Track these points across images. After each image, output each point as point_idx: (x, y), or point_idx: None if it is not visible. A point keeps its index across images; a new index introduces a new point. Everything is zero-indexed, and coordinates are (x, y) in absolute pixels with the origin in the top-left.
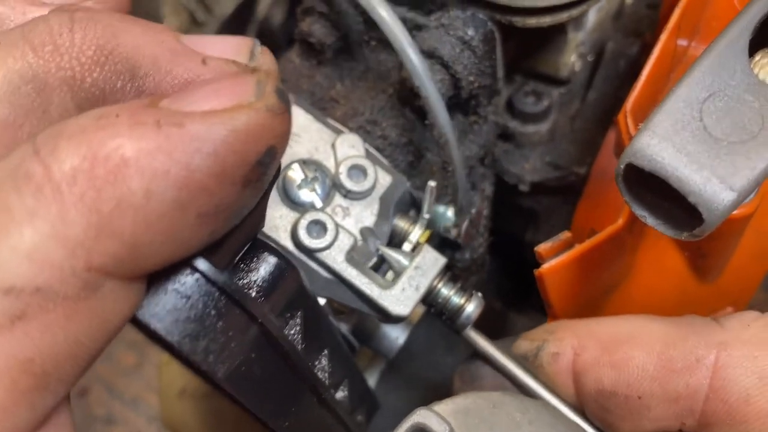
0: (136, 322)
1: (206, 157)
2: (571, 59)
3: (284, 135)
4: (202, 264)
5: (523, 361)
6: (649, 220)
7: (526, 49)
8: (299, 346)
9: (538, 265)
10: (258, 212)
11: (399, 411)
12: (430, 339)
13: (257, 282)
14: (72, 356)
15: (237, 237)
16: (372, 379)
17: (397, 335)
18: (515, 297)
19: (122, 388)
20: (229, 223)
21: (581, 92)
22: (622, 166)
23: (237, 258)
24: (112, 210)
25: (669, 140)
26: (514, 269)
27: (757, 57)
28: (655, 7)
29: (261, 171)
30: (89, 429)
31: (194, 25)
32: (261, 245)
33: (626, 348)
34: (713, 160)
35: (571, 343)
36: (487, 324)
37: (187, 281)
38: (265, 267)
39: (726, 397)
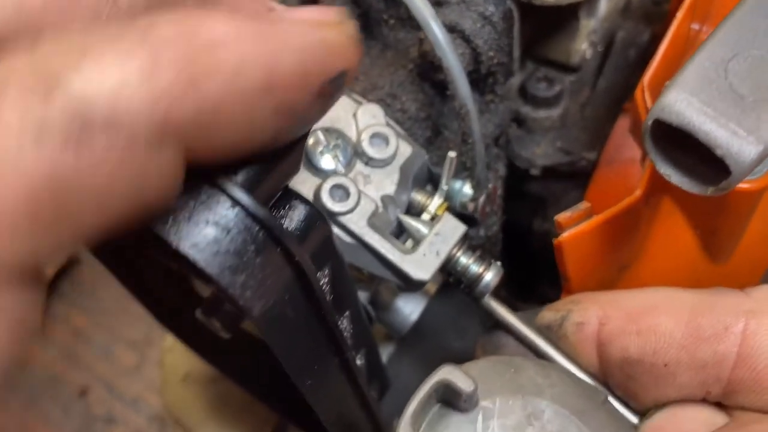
0: (176, 254)
1: (294, 54)
2: (583, 46)
3: (355, 65)
4: (243, 197)
5: (546, 332)
6: (674, 178)
7: (540, 33)
8: (328, 297)
9: (545, 254)
10: (294, 156)
11: (409, 391)
12: (442, 322)
13: (290, 228)
14: (97, 207)
15: (274, 176)
16: (383, 358)
17: (411, 311)
18: (520, 288)
19: (122, 388)
20: (294, 130)
21: (592, 80)
22: (649, 123)
23: (271, 203)
24: (202, 74)
25: (696, 96)
26: (520, 259)
27: None
28: (660, 4)
29: (332, 89)
30: (89, 429)
31: None
32: (293, 194)
33: (653, 316)
34: (739, 115)
35: (596, 312)
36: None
37: (227, 214)
38: (297, 214)
39: (754, 364)
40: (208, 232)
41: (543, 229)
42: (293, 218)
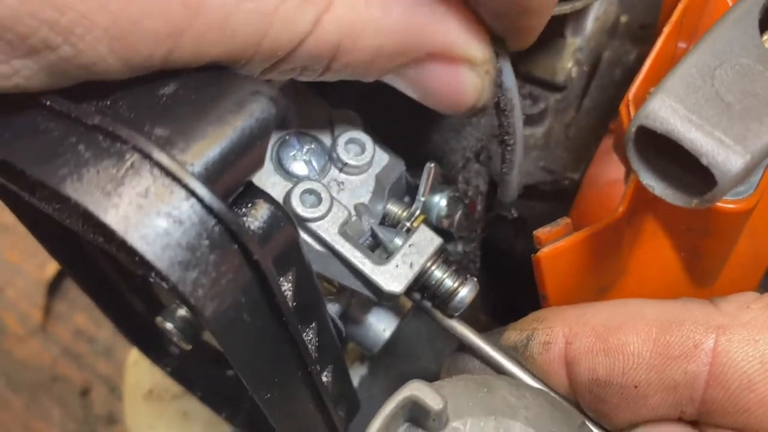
0: (123, 246)
1: None
2: (568, 65)
3: None
4: (199, 188)
5: (512, 353)
6: (657, 190)
7: (524, 51)
8: (291, 304)
9: (526, 276)
10: (258, 149)
11: None
12: (418, 342)
13: (252, 227)
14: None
15: (236, 169)
16: (354, 381)
17: (384, 327)
18: (502, 310)
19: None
20: None
21: (577, 100)
22: (633, 129)
23: (232, 199)
24: None
25: (681, 103)
26: (500, 282)
27: (765, 36)
28: (647, 28)
29: None
30: (91, 428)
31: None
32: (257, 191)
33: (620, 334)
34: (726, 123)
35: (562, 330)
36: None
37: (182, 205)
38: (261, 213)
39: (727, 384)
40: (159, 224)
41: (525, 250)
42: (256, 217)
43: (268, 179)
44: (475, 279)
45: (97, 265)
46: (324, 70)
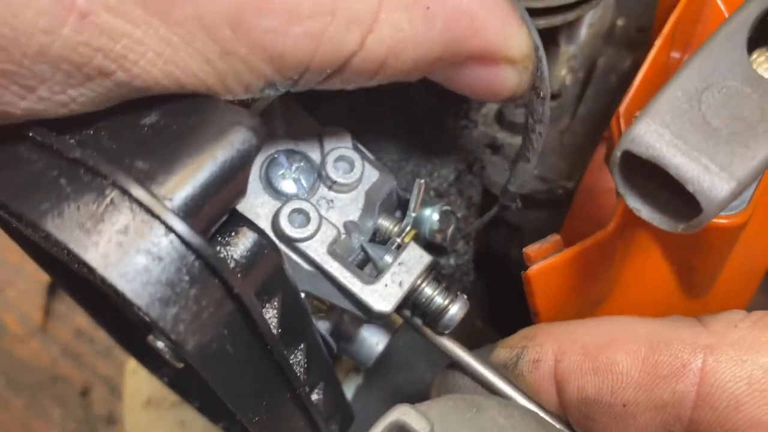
0: (104, 282)
1: None
2: (563, 72)
3: None
4: (177, 224)
5: (502, 370)
6: (644, 213)
7: None
8: (275, 331)
9: (522, 282)
10: (239, 179)
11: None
12: (412, 352)
13: (235, 256)
14: None
15: (217, 200)
16: (349, 392)
17: (377, 341)
18: (497, 316)
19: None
20: None
21: (572, 107)
22: (618, 154)
23: (215, 228)
24: None
25: (667, 127)
26: (496, 288)
27: (755, 55)
28: (644, 31)
29: None
30: (91, 428)
31: None
32: (241, 219)
33: (609, 353)
34: (712, 149)
35: (551, 348)
36: (468, 343)
37: (161, 242)
38: (244, 242)
39: (714, 404)
40: (138, 261)
41: (520, 256)
42: (239, 245)
43: (256, 199)
44: (465, 296)
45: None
46: (368, 80)
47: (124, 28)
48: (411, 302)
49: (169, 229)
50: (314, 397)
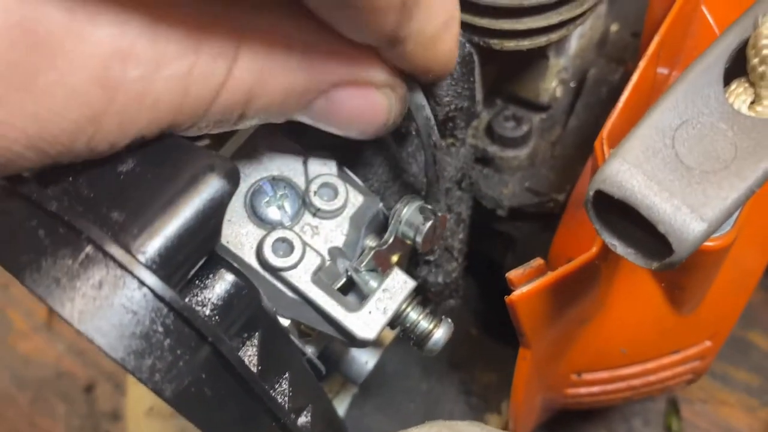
0: (81, 334)
1: None
2: (552, 85)
3: None
4: (150, 278)
5: None
6: (620, 249)
7: (506, 73)
8: (256, 369)
9: (510, 291)
10: (213, 225)
11: None
12: (406, 362)
13: (212, 299)
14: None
15: (190, 248)
16: (343, 406)
17: (366, 359)
18: (492, 323)
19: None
20: None
21: (562, 119)
22: (591, 193)
23: (192, 273)
24: None
25: (639, 167)
26: (491, 295)
27: (733, 86)
28: (639, 36)
29: None
30: (95, 424)
31: None
32: (218, 261)
33: None
34: (684, 189)
35: None
36: (464, 350)
37: (134, 296)
38: (221, 284)
39: None
40: (112, 315)
41: (514, 266)
42: (215, 288)
43: (242, 228)
44: (450, 320)
45: None
46: (239, 118)
47: None
48: (396, 327)
49: (142, 283)
50: (302, 420)
